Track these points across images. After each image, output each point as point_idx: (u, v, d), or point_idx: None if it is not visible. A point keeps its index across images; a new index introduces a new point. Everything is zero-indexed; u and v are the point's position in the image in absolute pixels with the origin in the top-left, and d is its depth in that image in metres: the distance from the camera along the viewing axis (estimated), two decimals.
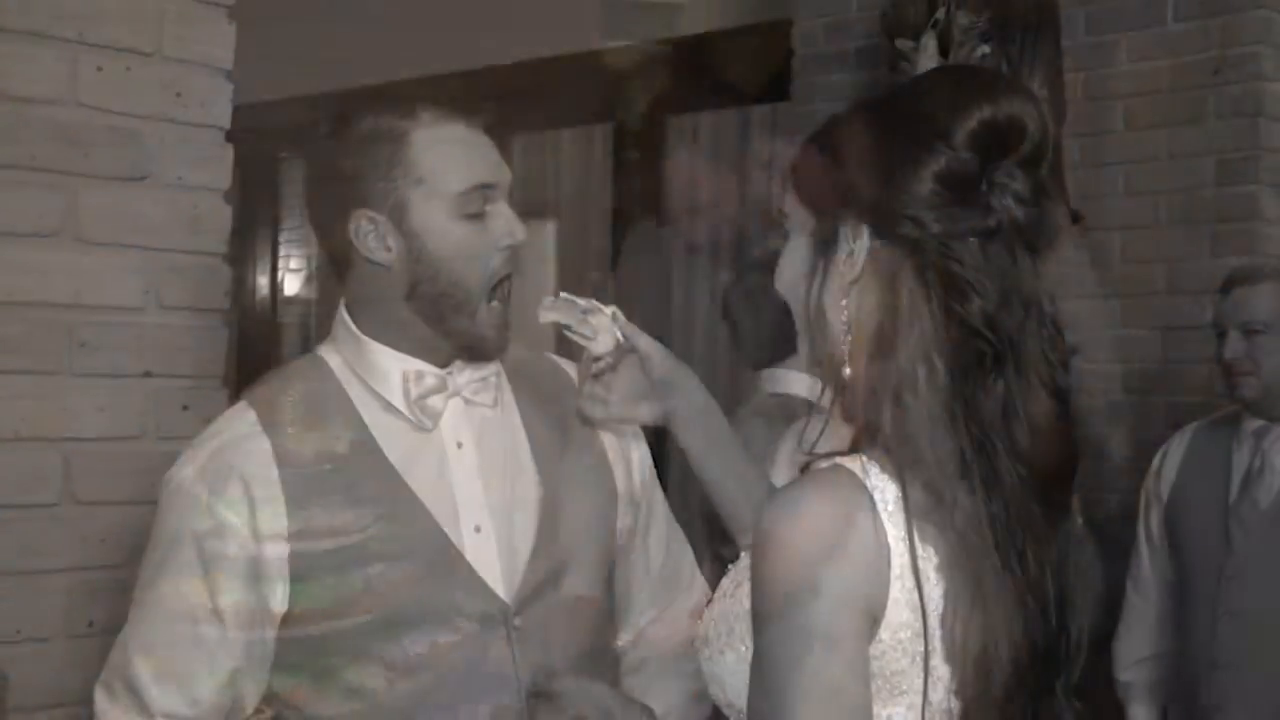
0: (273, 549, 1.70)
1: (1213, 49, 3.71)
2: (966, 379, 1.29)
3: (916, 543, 1.27)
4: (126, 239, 2.36)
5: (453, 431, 1.81)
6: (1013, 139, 1.31)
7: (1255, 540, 2.96)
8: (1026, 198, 1.31)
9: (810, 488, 1.30)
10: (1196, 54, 3.74)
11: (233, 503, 1.70)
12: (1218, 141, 3.71)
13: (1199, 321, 3.70)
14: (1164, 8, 3.79)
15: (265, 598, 1.71)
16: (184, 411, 2.43)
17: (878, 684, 1.28)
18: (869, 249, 1.34)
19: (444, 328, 1.78)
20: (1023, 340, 1.31)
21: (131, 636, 1.74)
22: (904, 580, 1.26)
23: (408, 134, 1.75)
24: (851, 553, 1.25)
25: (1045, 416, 1.31)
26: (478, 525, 1.78)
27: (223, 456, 1.73)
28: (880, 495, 1.28)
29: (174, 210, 2.41)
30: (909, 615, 1.27)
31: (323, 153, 1.81)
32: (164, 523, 1.74)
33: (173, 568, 1.71)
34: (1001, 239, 1.30)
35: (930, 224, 1.30)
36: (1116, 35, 3.87)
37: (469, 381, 1.82)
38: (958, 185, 1.30)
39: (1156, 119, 3.79)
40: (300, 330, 6.66)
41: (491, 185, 1.78)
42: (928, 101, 1.34)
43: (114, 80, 2.35)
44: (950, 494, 1.27)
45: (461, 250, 1.75)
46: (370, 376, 1.80)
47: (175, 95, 2.41)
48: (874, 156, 1.34)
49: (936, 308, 1.29)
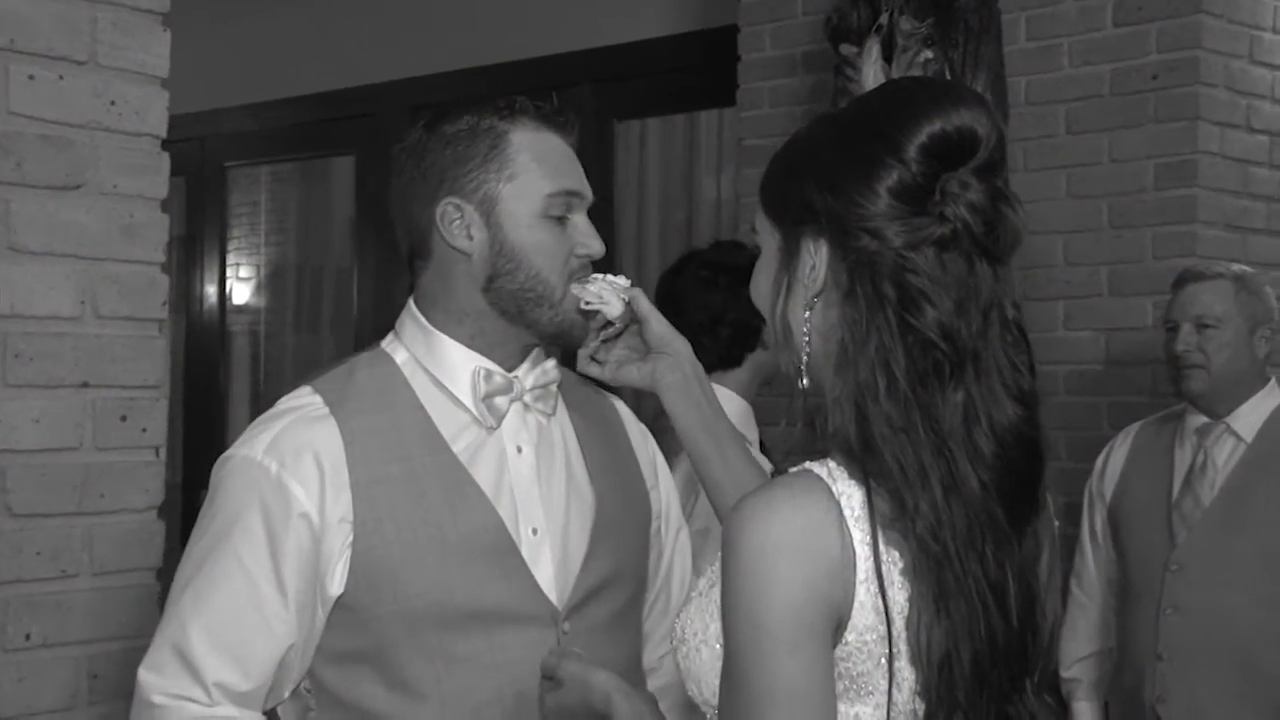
0: (336, 530, 1.71)
1: (1152, 54, 3.75)
2: (926, 388, 1.31)
3: (882, 547, 1.29)
4: (61, 248, 2.35)
5: (513, 435, 1.83)
6: (965, 149, 1.34)
7: (1198, 536, 3.00)
8: (981, 205, 1.33)
9: (777, 492, 1.32)
10: (1136, 59, 3.77)
11: (304, 477, 1.71)
12: (1157, 145, 3.74)
13: (1141, 323, 3.74)
14: (1104, 13, 3.82)
15: (323, 579, 1.71)
16: (122, 422, 2.41)
17: (844, 684, 1.31)
18: (828, 262, 1.37)
19: (523, 320, 1.81)
20: (983, 348, 1.33)
21: (187, 606, 1.71)
22: (869, 584, 1.29)
23: (508, 134, 1.81)
24: (815, 556, 1.27)
25: (1010, 422, 1.34)
26: (534, 528, 1.80)
27: (294, 433, 1.74)
28: (847, 500, 1.30)
29: (109, 219, 2.40)
30: (874, 619, 1.29)
31: (416, 144, 1.84)
32: (227, 495, 1.74)
33: (238, 537, 1.71)
34: (957, 247, 1.33)
35: (886, 236, 1.33)
36: (1058, 40, 3.90)
37: (532, 388, 1.85)
38: (910, 197, 1.33)
39: (1097, 123, 3.82)
40: (249, 338, 6.62)
41: (577, 194, 1.83)
42: (879, 117, 1.37)
43: (46, 89, 2.33)
44: (912, 501, 1.29)
45: (543, 248, 1.79)
46: (438, 370, 1.82)
47: (109, 104, 2.40)
48: (829, 172, 1.37)
49: (892, 318, 1.32)
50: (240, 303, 6.61)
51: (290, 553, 1.70)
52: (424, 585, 1.72)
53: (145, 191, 2.44)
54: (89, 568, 2.39)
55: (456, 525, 1.75)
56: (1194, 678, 2.96)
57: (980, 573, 1.30)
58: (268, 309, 6.59)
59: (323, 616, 1.74)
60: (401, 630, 1.72)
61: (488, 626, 1.74)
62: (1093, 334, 3.83)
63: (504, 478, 1.80)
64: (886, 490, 1.30)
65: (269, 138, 6.26)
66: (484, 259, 1.80)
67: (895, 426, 1.30)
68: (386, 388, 1.81)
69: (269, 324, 6.59)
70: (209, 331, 6.53)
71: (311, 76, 5.87)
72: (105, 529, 2.40)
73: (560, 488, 1.85)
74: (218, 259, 6.52)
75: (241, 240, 6.62)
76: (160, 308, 2.46)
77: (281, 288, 6.57)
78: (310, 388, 1.81)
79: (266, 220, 6.61)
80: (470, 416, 1.81)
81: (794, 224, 1.40)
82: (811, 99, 4.26)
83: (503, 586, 1.75)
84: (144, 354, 2.44)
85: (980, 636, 1.30)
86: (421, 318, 1.85)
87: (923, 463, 1.30)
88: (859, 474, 1.31)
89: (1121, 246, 3.79)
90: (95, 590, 2.40)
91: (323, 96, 5.84)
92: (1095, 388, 3.79)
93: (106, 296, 2.39)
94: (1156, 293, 3.59)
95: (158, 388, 2.46)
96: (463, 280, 1.81)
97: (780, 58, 4.42)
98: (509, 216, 1.79)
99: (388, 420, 1.78)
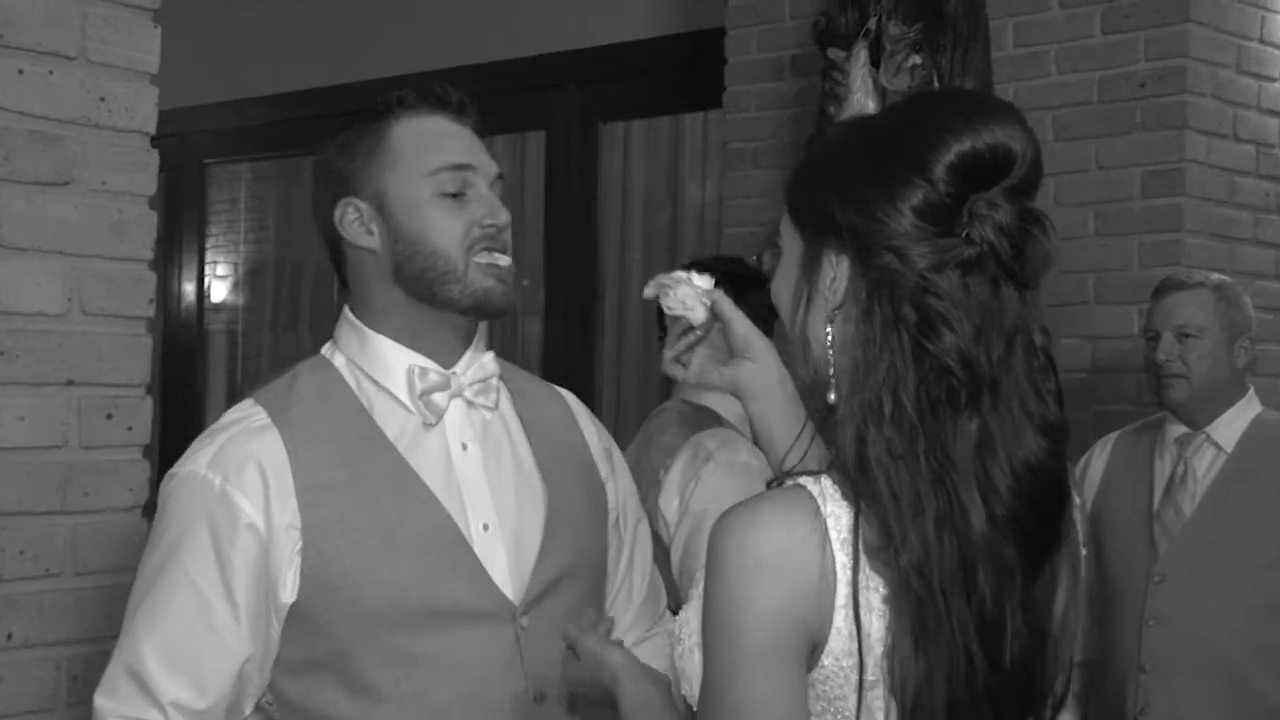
0: (284, 538, 1.71)
1: (1140, 62, 3.78)
2: (935, 416, 1.28)
3: (864, 573, 1.26)
4: (48, 245, 2.35)
5: (457, 432, 1.83)
6: (997, 168, 1.29)
7: (1180, 547, 3.02)
8: (1009, 228, 1.28)
9: (764, 506, 1.30)
10: (1124, 66, 3.80)
11: (249, 488, 1.71)
12: (1145, 154, 3.77)
13: (1126, 331, 3.77)
14: (1092, 20, 3.85)
15: (275, 588, 1.71)
16: (107, 420, 2.41)
17: (820, 706, 1.29)
18: (849, 277, 1.34)
19: (437, 301, 1.81)
20: (1004, 375, 1.29)
21: (139, 626, 1.72)
22: (847, 611, 1.26)
23: (390, 126, 1.83)
24: (793, 575, 1.26)
25: (1031, 455, 1.29)
26: (485, 524, 1.80)
27: (237, 445, 1.74)
28: (835, 522, 1.27)
29: (97, 216, 2.39)
30: (850, 645, 1.27)
31: (320, 156, 1.87)
32: (174, 511, 1.74)
33: (186, 554, 1.71)
34: (983, 270, 1.29)
35: (909, 256, 1.29)
36: (1045, 46, 3.92)
37: (472, 383, 1.85)
38: (936, 218, 1.29)
39: (1085, 131, 3.85)
40: (227, 338, 6.61)
41: (468, 167, 1.82)
42: (908, 132, 1.33)
43: (36, 84, 2.33)
44: (900, 532, 1.25)
45: (436, 226, 1.79)
46: (375, 370, 1.83)
47: (99, 100, 2.39)
48: (853, 187, 1.33)
49: (907, 342, 1.28)
50: (218, 301, 6.60)
51: (239, 565, 1.70)
52: (376, 588, 1.72)
53: (134, 188, 2.44)
54: (72, 567, 2.38)
55: (405, 525, 1.75)
56: (1177, 689, 2.98)
57: (967, 613, 1.26)
58: (246, 307, 6.58)
59: (278, 627, 1.73)
60: (358, 634, 1.72)
61: (444, 625, 1.74)
62: (1079, 342, 3.86)
63: (451, 475, 1.81)
64: (876, 516, 1.26)
65: (249, 135, 6.25)
66: (387, 251, 1.81)
67: (895, 454, 1.27)
68: (327, 393, 1.82)
69: (247, 323, 6.58)
70: (187, 330, 6.52)
71: (293, 74, 5.87)
72: (89, 528, 2.40)
73: (509, 482, 1.85)
74: (196, 257, 6.51)
75: (220, 238, 6.61)
76: (147, 305, 2.46)
77: (260, 286, 6.56)
78: (252, 400, 1.82)
79: (246, 218, 6.61)
80: (412, 415, 1.82)
81: (817, 234, 1.36)
82: (798, 103, 4.27)
83: (457, 584, 1.75)
84: (130, 352, 2.44)
85: (959, 679, 1.26)
86: (355, 320, 1.86)
87: (918, 493, 1.26)
88: (851, 496, 1.28)
89: (1108, 255, 3.82)
90: (78, 590, 2.39)
91: (304, 94, 5.83)
92: (1081, 396, 3.81)
93: (93, 294, 2.39)
94: (1142, 301, 3.60)
95: (144, 386, 2.45)
96: (375, 276, 1.83)
97: (767, 61, 4.43)
98: (398, 204, 1.80)
99: (330, 425, 1.78)
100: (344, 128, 1.86)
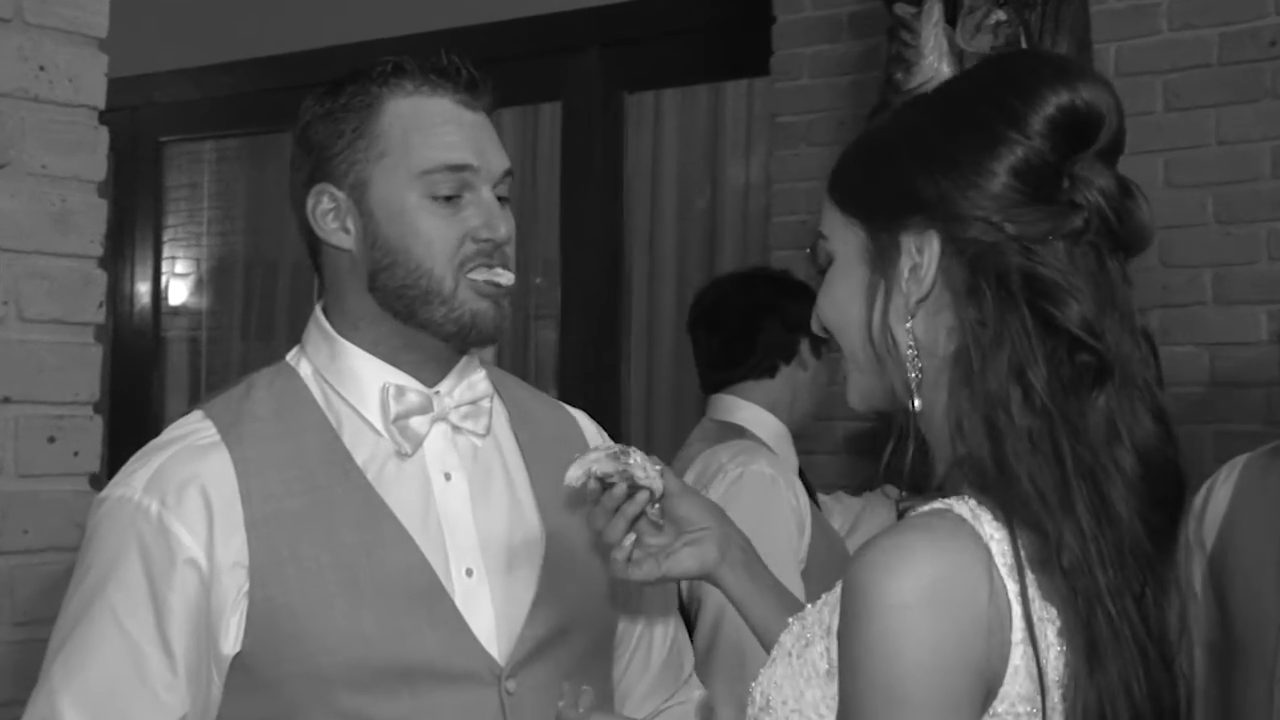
0: (229, 578, 1.70)
1: (1269, 15, 3.76)
2: (1067, 396, 1.33)
3: (1035, 600, 1.29)
4: None
5: (439, 460, 1.83)
6: (1091, 128, 1.36)
7: None
8: (1114, 194, 1.35)
9: (912, 535, 1.31)
10: (1249, 21, 3.78)
11: (188, 517, 1.71)
12: (1275, 125, 3.74)
13: (1253, 337, 3.74)
14: None
15: (216, 636, 1.71)
16: (49, 444, 2.43)
17: None
18: (938, 258, 1.37)
19: (416, 320, 1.79)
20: (1126, 355, 1.36)
21: (56, 675, 1.71)
22: (1026, 645, 1.29)
23: (382, 102, 1.80)
24: (963, 611, 1.27)
25: (1150, 440, 1.35)
26: (469, 568, 1.80)
27: (177, 466, 1.73)
28: (997, 546, 1.30)
29: (37, 205, 2.41)
30: (1030, 687, 1.29)
31: (299, 122, 1.85)
32: (100, 543, 1.74)
33: (115, 592, 1.70)
34: (1089, 241, 1.35)
35: (1010, 225, 1.34)
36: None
37: (458, 405, 1.85)
38: (1036, 180, 1.35)
39: (1202, 98, 3.82)
40: (188, 346, 6.63)
41: (468, 168, 1.80)
42: (994, 86, 1.39)
43: None
44: (1055, 530, 1.29)
45: (422, 237, 1.78)
46: (344, 386, 1.83)
47: (38, 69, 2.41)
48: (936, 152, 1.38)
49: (1028, 317, 1.33)
50: (177, 304, 6.63)
51: (176, 607, 1.69)
52: (335, 640, 1.71)
53: (80, 173, 2.46)
54: (9, 617, 2.40)
55: (372, 567, 1.74)
56: None
57: (1138, 616, 1.31)
58: (210, 311, 6.61)
59: (219, 682, 1.72)
60: (310, 694, 1.70)
61: (415, 687, 1.72)
62: (1194, 349, 3.84)
63: (430, 509, 1.80)
64: (1028, 523, 1.30)
65: (212, 108, 6.28)
66: (363, 254, 1.80)
67: (1036, 444, 1.31)
68: (289, 408, 1.81)
69: (212, 329, 6.61)
70: (140, 337, 6.55)
71: (266, 36, 5.89)
72: (29, 571, 2.42)
73: (500, 520, 1.84)
74: (151, 252, 6.54)
75: (179, 229, 6.64)
76: (96, 310, 2.48)
77: (227, 286, 6.59)
78: (201, 412, 1.82)
79: (209, 206, 6.63)
80: (385, 440, 1.81)
81: (889, 219, 1.40)
82: (859, 68, 4.27)
83: (432, 639, 1.74)
84: (76, 364, 2.45)
85: (1140, 693, 1.30)
86: (325, 323, 1.86)
87: (1067, 484, 1.30)
88: (1001, 512, 1.31)
89: (1230, 246, 3.80)
90: (16, 644, 2.41)
91: (278, 60, 5.85)
92: (1198, 413, 3.79)
93: (33, 296, 2.40)
94: (1272, 301, 3.60)
95: (91, 404, 2.47)
96: (349, 280, 1.83)
97: (822, 19, 4.43)
98: (380, 203, 1.79)
99: (289, 446, 1.78)
100: (330, 91, 1.83)
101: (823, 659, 1.36)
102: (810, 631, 1.39)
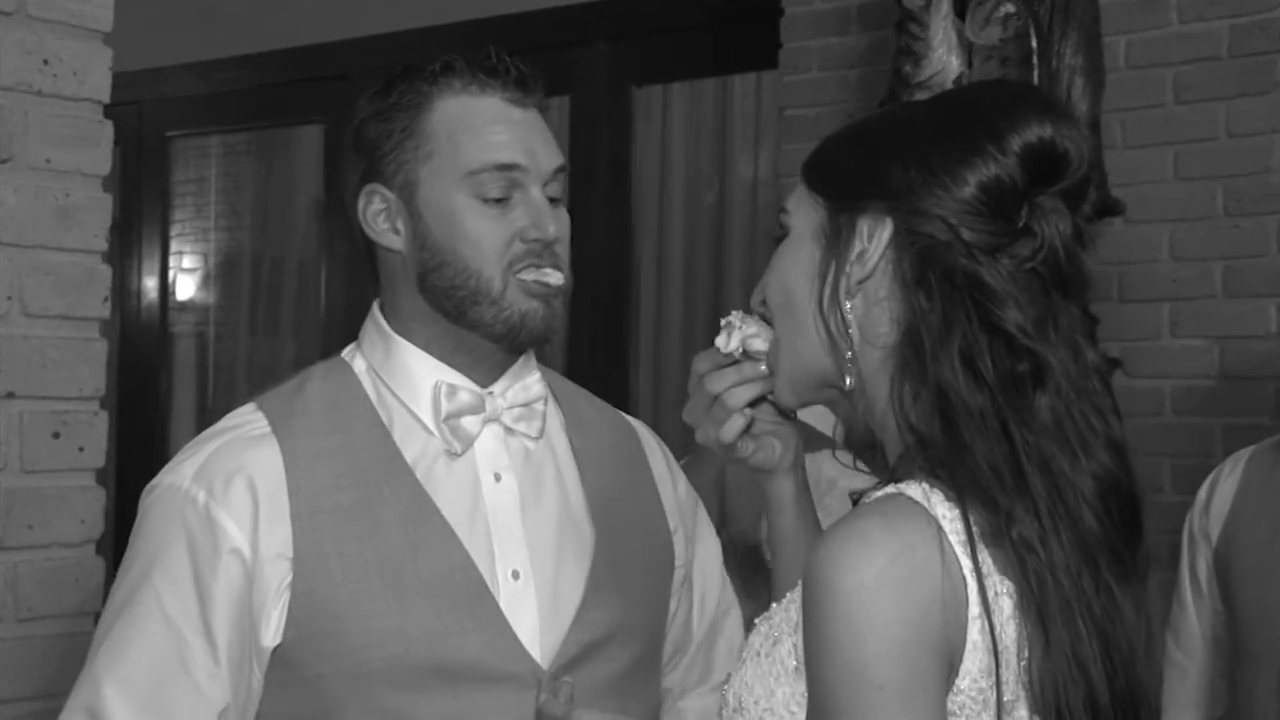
0: (272, 569, 1.71)
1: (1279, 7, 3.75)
2: (1012, 390, 1.37)
3: (990, 573, 1.32)
4: None
5: (490, 461, 1.83)
6: (1059, 167, 1.42)
7: None
8: (1068, 236, 1.42)
9: (867, 520, 1.34)
10: (1260, 12, 3.77)
11: (235, 508, 1.72)
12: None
13: (1262, 329, 3.73)
14: None
15: (257, 628, 1.71)
16: (54, 440, 2.43)
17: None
18: (886, 246, 1.43)
19: (466, 321, 1.80)
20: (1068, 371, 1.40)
21: (101, 660, 1.71)
22: (983, 620, 1.32)
23: (430, 102, 1.81)
24: (924, 592, 1.30)
25: (1105, 471, 1.39)
26: (515, 570, 1.80)
27: (227, 456, 1.75)
28: (949, 524, 1.33)
29: (42, 200, 2.41)
30: (988, 659, 1.32)
31: (352, 121, 1.86)
32: (149, 531, 1.75)
33: (160, 579, 1.71)
34: (1034, 271, 1.41)
35: (963, 230, 1.40)
36: None
37: (511, 406, 1.85)
38: (1000, 198, 1.41)
39: (1212, 90, 3.82)
40: (196, 341, 6.64)
41: (516, 167, 1.80)
42: (983, 103, 1.47)
43: None
44: (1006, 503, 1.33)
45: (470, 238, 1.79)
46: (397, 383, 1.83)
47: (42, 63, 2.41)
48: (916, 147, 1.44)
49: (972, 311, 1.38)
50: (185, 299, 6.63)
51: (220, 597, 1.70)
52: (376, 636, 1.71)
53: (84, 167, 2.46)
54: (13, 612, 2.40)
55: (417, 565, 1.74)
56: None
57: (1098, 604, 1.34)
58: (218, 307, 6.61)
59: (259, 674, 1.73)
60: (349, 691, 1.71)
61: (455, 687, 1.73)
62: (1204, 342, 3.83)
63: (478, 510, 1.80)
64: (980, 499, 1.33)
65: (219, 102, 6.28)
66: (413, 255, 1.81)
67: (987, 425, 1.35)
68: (341, 402, 1.82)
69: (219, 325, 6.61)
70: (147, 333, 6.55)
71: (272, 30, 5.89)
72: (33, 566, 2.42)
73: (550, 523, 1.84)
74: (158, 247, 6.54)
75: (186, 224, 6.64)
76: (102, 305, 2.48)
77: (234, 281, 6.59)
78: (254, 404, 1.83)
79: (216, 201, 6.64)
80: (436, 439, 1.82)
81: (852, 199, 1.46)
82: (868, 61, 4.26)
83: (474, 639, 1.74)
84: (81, 359, 2.45)
85: (1098, 673, 1.33)
86: (382, 320, 1.87)
87: (1018, 463, 1.34)
88: (953, 490, 1.34)
89: (1239, 238, 3.79)
90: (20, 640, 2.41)
91: (285, 54, 5.86)
92: (1207, 406, 3.78)
93: (37, 291, 2.40)
94: None
95: (97, 400, 2.47)
96: (401, 281, 1.84)
97: (831, 12, 4.43)
98: (429, 204, 1.80)
99: (339, 440, 1.78)
100: (382, 90, 1.84)
101: (790, 656, 1.38)
102: (778, 630, 1.40)
